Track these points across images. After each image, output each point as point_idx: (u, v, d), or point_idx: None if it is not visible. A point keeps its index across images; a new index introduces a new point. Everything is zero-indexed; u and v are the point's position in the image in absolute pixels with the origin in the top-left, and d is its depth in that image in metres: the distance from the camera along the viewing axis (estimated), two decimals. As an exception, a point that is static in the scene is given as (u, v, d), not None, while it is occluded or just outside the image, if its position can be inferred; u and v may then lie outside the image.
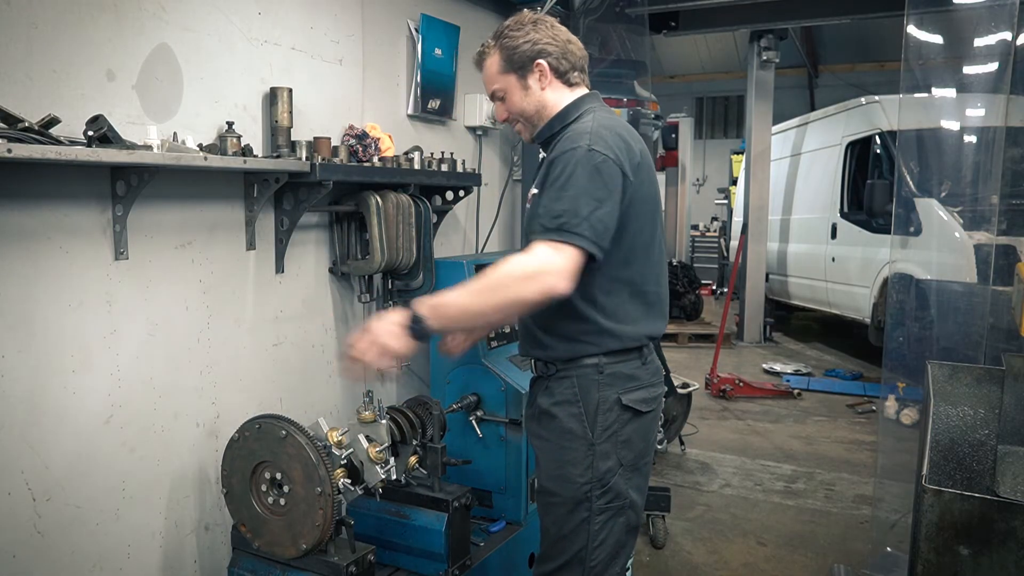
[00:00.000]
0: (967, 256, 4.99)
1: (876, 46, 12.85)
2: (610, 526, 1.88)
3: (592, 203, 1.71)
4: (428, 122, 3.49)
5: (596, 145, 1.76)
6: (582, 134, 1.79)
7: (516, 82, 1.94)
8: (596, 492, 1.85)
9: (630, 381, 1.89)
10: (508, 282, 1.68)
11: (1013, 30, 3.31)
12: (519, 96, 1.94)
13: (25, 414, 1.96)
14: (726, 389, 6.24)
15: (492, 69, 1.96)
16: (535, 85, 1.93)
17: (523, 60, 1.91)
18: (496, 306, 1.71)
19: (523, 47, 1.91)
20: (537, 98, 1.94)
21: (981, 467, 2.22)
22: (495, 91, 1.98)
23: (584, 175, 1.73)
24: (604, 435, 1.85)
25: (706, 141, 16.59)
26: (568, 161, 1.75)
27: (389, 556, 2.55)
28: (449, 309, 1.73)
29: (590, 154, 1.75)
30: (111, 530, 2.20)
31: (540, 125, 1.97)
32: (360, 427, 2.37)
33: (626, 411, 1.87)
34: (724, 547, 3.53)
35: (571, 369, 1.88)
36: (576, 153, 1.75)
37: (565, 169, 1.74)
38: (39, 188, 1.96)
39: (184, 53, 2.31)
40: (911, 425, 4.10)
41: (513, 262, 1.69)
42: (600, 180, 1.74)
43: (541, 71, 1.92)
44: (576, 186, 1.72)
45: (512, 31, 1.92)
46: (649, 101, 4.86)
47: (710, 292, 12.37)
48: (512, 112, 1.98)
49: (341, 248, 2.96)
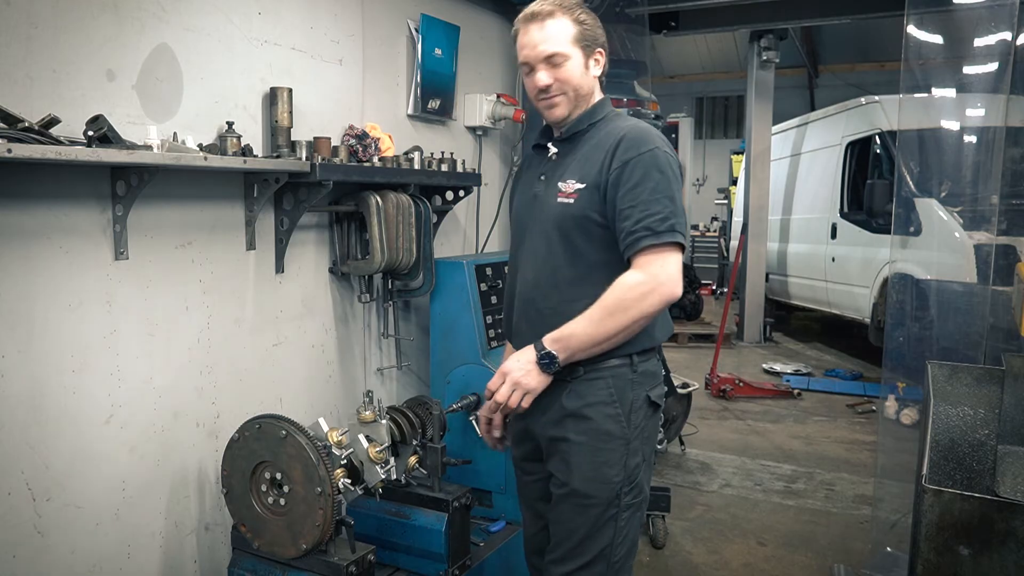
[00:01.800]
0: (967, 256, 4.99)
1: (876, 46, 12.84)
2: (634, 521, 1.92)
3: (678, 203, 1.80)
4: (428, 122, 3.49)
5: (666, 147, 1.84)
6: (649, 134, 1.84)
7: (582, 58, 1.90)
8: (626, 488, 1.88)
9: (654, 378, 1.93)
10: (629, 303, 1.74)
11: (1013, 30, 3.31)
12: (580, 71, 1.91)
13: (25, 414, 1.96)
14: (726, 389, 6.24)
15: (563, 32, 1.88)
16: (592, 69, 1.94)
17: (592, 41, 1.91)
18: (621, 328, 1.76)
19: (596, 31, 1.92)
20: (591, 81, 1.94)
21: (981, 467, 2.22)
22: (557, 54, 1.88)
23: (669, 176, 1.80)
24: (635, 432, 1.88)
25: (706, 141, 16.58)
26: (651, 163, 1.79)
27: (389, 556, 2.55)
28: (575, 340, 1.78)
29: (665, 155, 1.82)
30: (111, 530, 2.20)
31: (580, 108, 1.94)
32: (360, 427, 2.37)
33: (651, 407, 1.92)
34: (724, 547, 3.52)
35: (602, 370, 1.87)
36: (656, 155, 1.80)
37: (650, 170, 1.78)
38: (39, 188, 1.96)
39: (184, 53, 2.31)
40: (911, 425, 4.09)
41: (627, 286, 1.75)
42: (676, 181, 1.82)
43: (599, 60, 1.95)
44: (668, 188, 1.78)
45: (585, 12, 1.92)
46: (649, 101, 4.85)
47: (710, 292, 12.36)
48: (565, 82, 1.90)
49: (341, 248, 2.96)
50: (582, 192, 1.85)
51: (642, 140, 1.82)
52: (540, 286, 1.92)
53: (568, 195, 1.87)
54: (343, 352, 3.07)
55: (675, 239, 1.76)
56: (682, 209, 1.81)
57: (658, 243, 1.74)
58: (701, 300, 9.65)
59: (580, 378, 1.88)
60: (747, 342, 8.78)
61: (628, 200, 1.78)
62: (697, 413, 5.43)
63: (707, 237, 14.31)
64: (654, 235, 1.74)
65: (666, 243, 1.75)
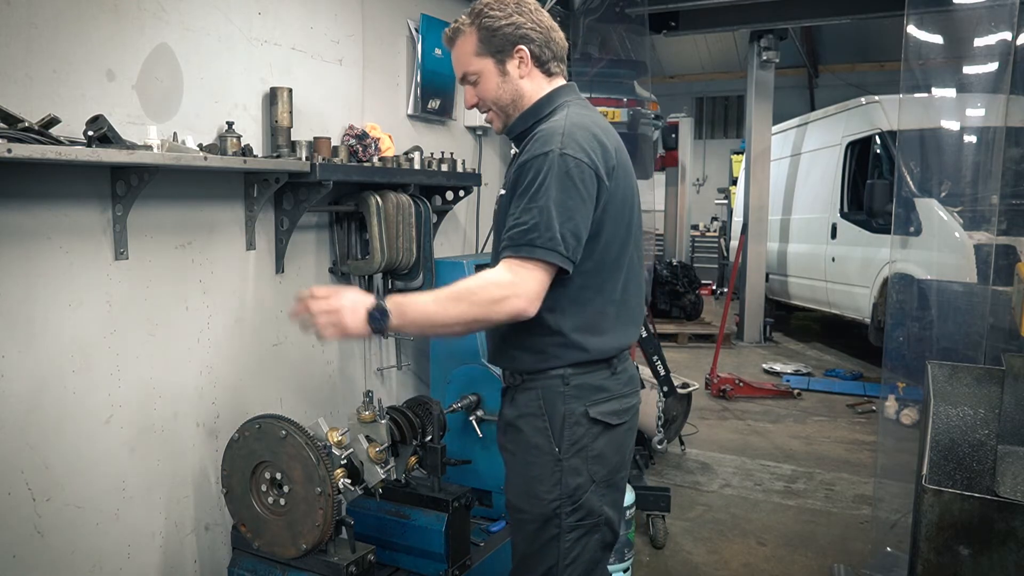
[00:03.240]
0: (967, 256, 4.99)
1: (876, 46, 12.84)
2: (583, 543, 1.76)
3: (564, 214, 1.59)
4: (428, 122, 3.49)
5: (568, 148, 1.63)
6: (554, 135, 1.65)
7: (493, 67, 1.77)
8: (566, 509, 1.73)
9: (598, 392, 1.76)
10: (476, 301, 1.59)
11: (1013, 30, 3.31)
12: (495, 83, 1.78)
13: (25, 414, 1.96)
14: (726, 389, 6.24)
15: (466, 49, 1.78)
16: (513, 72, 1.78)
17: (503, 43, 1.75)
18: (460, 321, 1.62)
19: (505, 29, 1.75)
20: (514, 86, 1.79)
21: (981, 467, 2.22)
22: (467, 74, 1.81)
23: (556, 183, 1.60)
24: (572, 450, 1.73)
25: (706, 141, 16.59)
26: (540, 167, 1.62)
27: (389, 556, 2.55)
28: (414, 311, 1.62)
29: (563, 159, 1.61)
30: (111, 530, 2.20)
31: (514, 116, 1.82)
32: (360, 427, 2.37)
33: (595, 424, 1.75)
34: (724, 547, 3.52)
35: (536, 380, 1.76)
36: (548, 158, 1.62)
37: (536, 176, 1.61)
38: (39, 188, 1.96)
39: (184, 53, 2.31)
40: (911, 425, 4.09)
41: (483, 281, 1.62)
42: (573, 188, 1.61)
43: (522, 58, 1.77)
44: (547, 196, 1.59)
45: (493, 10, 1.75)
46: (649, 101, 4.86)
47: (710, 292, 12.36)
48: (484, 99, 1.82)
49: (341, 248, 2.96)
50: (503, 199, 1.76)
51: (543, 141, 1.66)
52: None
53: (497, 201, 1.82)
54: (343, 352, 3.07)
55: (532, 255, 1.57)
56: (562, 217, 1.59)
57: (512, 256, 1.60)
58: (701, 300, 9.65)
59: (519, 387, 1.80)
60: (747, 342, 8.78)
61: (514, 208, 1.65)
62: (697, 413, 5.43)
63: (707, 237, 14.32)
64: (512, 247, 1.60)
65: (524, 257, 1.59)
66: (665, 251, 12.30)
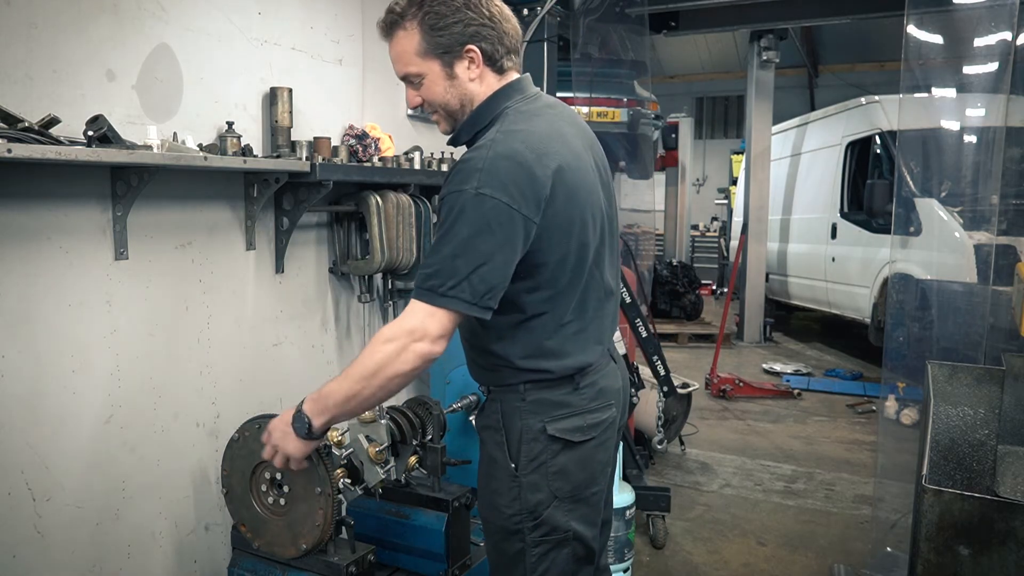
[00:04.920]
0: (967, 256, 4.99)
1: (876, 46, 12.84)
2: (551, 558, 1.67)
3: (474, 260, 1.45)
4: (428, 122, 3.49)
5: (485, 187, 1.45)
6: (472, 171, 1.47)
7: (440, 70, 1.59)
8: (528, 524, 1.64)
9: (558, 409, 1.64)
10: (381, 365, 1.50)
11: (1013, 30, 3.32)
12: (442, 87, 1.60)
13: (25, 414, 1.96)
14: (726, 389, 6.24)
15: (407, 47, 1.58)
16: (463, 74, 1.59)
17: (451, 43, 1.56)
18: (379, 386, 1.53)
19: (453, 28, 1.55)
20: (463, 90, 1.61)
21: (981, 467, 2.23)
22: (409, 75, 1.61)
23: (468, 226, 1.45)
24: (531, 466, 1.63)
25: (706, 141, 16.59)
26: (452, 205, 1.47)
27: (389, 556, 2.55)
28: (331, 400, 1.56)
29: (478, 199, 1.44)
30: (111, 530, 2.20)
31: (462, 120, 1.65)
32: (360, 427, 2.36)
33: (555, 441, 1.63)
34: (724, 547, 3.53)
35: (498, 393, 1.69)
36: (462, 198, 1.46)
37: (449, 215, 1.48)
38: (39, 188, 1.96)
39: (184, 53, 2.31)
40: (911, 425, 4.10)
41: (383, 337, 1.52)
42: (488, 231, 1.45)
43: (472, 58, 1.58)
44: (456, 239, 1.45)
45: (439, 4, 1.55)
46: (649, 101, 4.87)
47: (710, 292, 12.36)
48: (430, 102, 1.64)
49: (341, 248, 2.97)
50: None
51: (462, 176, 1.49)
52: None
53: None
54: (343, 352, 3.07)
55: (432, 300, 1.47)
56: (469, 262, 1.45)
57: (415, 297, 1.50)
58: (701, 300, 9.65)
59: (488, 397, 1.73)
60: (747, 342, 8.78)
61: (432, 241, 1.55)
62: (697, 413, 5.43)
63: (707, 237, 14.33)
64: (419, 290, 1.50)
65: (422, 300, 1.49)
66: (665, 251, 12.31)
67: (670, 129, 10.91)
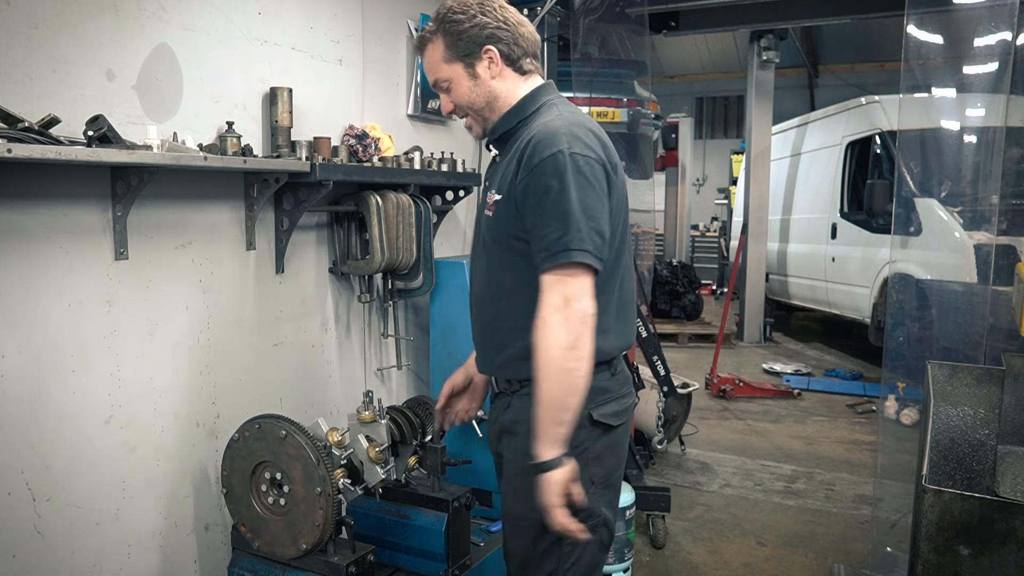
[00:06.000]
0: (967, 256, 4.99)
1: (876, 46, 12.85)
2: (583, 546, 1.72)
3: (587, 214, 1.58)
4: (428, 122, 3.49)
5: (575, 146, 1.60)
6: (556, 134, 1.61)
7: (463, 71, 1.75)
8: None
9: (601, 394, 1.72)
10: (552, 344, 1.56)
11: (1013, 30, 3.32)
12: (467, 87, 1.75)
13: (25, 414, 1.96)
14: (726, 389, 6.24)
15: (435, 56, 1.76)
16: (484, 74, 1.74)
17: (470, 46, 1.72)
18: (572, 377, 1.58)
19: (470, 31, 1.71)
20: (487, 89, 1.75)
21: (981, 467, 2.23)
22: (439, 81, 1.78)
23: (573, 184, 1.58)
24: (573, 453, 1.66)
25: (706, 141, 16.60)
26: (550, 170, 1.58)
27: (389, 556, 2.55)
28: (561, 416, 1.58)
29: (572, 158, 1.59)
30: (111, 530, 2.20)
31: (492, 119, 1.79)
32: (360, 427, 2.37)
33: (596, 427, 1.72)
34: (724, 547, 3.53)
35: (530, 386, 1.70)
36: (557, 160, 1.58)
37: (551, 180, 1.58)
38: (39, 188, 1.96)
39: (184, 53, 2.31)
40: (911, 425, 4.10)
41: (545, 327, 1.57)
42: (589, 186, 1.59)
43: (491, 58, 1.74)
44: (569, 199, 1.57)
45: (456, 13, 1.72)
46: (649, 101, 4.86)
47: (710, 292, 12.36)
48: (459, 104, 1.79)
49: (341, 248, 2.97)
50: (499, 204, 1.71)
51: (546, 142, 1.61)
52: (482, 299, 1.84)
53: (490, 207, 1.75)
54: (343, 352, 3.07)
55: (569, 259, 1.56)
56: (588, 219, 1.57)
57: (550, 265, 1.58)
58: (701, 300, 9.65)
59: (518, 393, 1.77)
60: (747, 342, 8.79)
61: (532, 216, 1.62)
62: (697, 413, 5.43)
63: (707, 237, 14.33)
64: (549, 256, 1.58)
65: (559, 264, 1.57)
66: (665, 251, 12.30)
67: (670, 129, 10.92)
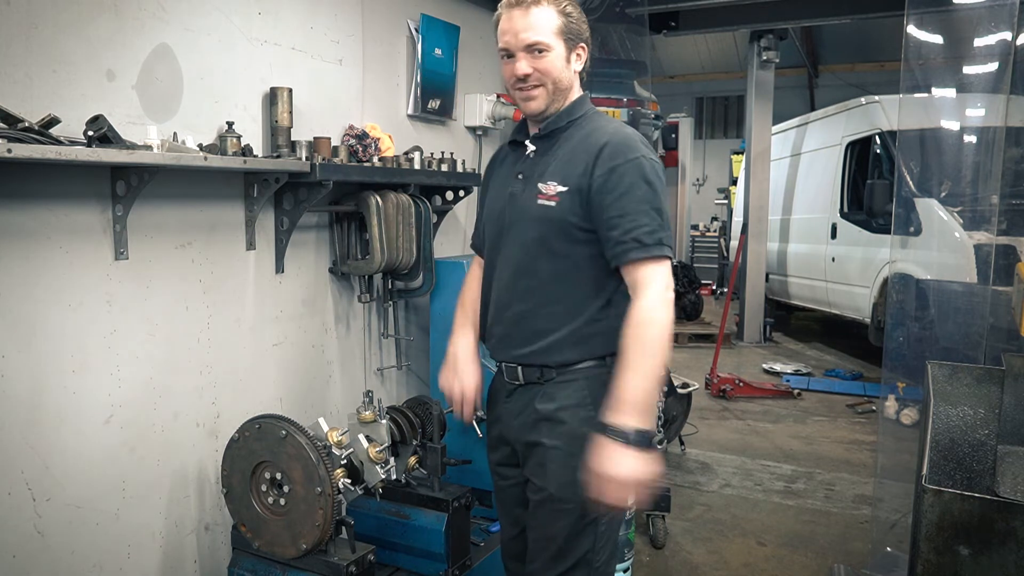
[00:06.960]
0: (967, 256, 4.99)
1: (876, 46, 12.84)
2: (614, 526, 1.87)
3: (665, 214, 1.78)
4: (428, 122, 3.49)
5: (651, 154, 1.82)
6: (632, 140, 1.81)
7: (563, 51, 1.82)
8: None
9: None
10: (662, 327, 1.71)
11: (1013, 30, 3.32)
12: (561, 64, 1.83)
13: (25, 414, 1.96)
14: (726, 389, 6.24)
15: (546, 21, 1.80)
16: (573, 64, 1.86)
17: (576, 36, 1.84)
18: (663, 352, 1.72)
19: (580, 24, 1.85)
20: (570, 76, 1.86)
21: (981, 467, 2.23)
22: (540, 43, 1.79)
23: (657, 185, 1.78)
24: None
25: (706, 141, 16.58)
26: (636, 171, 1.76)
27: (389, 556, 2.55)
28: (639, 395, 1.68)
29: (651, 163, 1.79)
30: (111, 530, 2.20)
31: (556, 104, 1.86)
32: (360, 427, 2.37)
33: None
34: (724, 547, 3.52)
35: (575, 372, 1.83)
36: (642, 164, 1.77)
37: (637, 180, 1.75)
38: (39, 188, 1.96)
39: (184, 53, 2.31)
40: (911, 425, 4.10)
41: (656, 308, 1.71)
42: (662, 189, 1.80)
43: (580, 55, 1.87)
44: (655, 199, 1.76)
45: (572, 5, 1.84)
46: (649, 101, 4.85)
47: (710, 292, 12.36)
48: (545, 73, 1.81)
49: (341, 248, 2.96)
50: (564, 195, 1.79)
51: (628, 147, 1.79)
52: (516, 289, 1.87)
53: (549, 197, 1.81)
54: (343, 352, 3.07)
55: (663, 252, 1.74)
56: (668, 221, 1.79)
57: (646, 256, 1.72)
58: (701, 300, 9.64)
59: (553, 381, 1.84)
60: (747, 342, 8.78)
61: (616, 209, 1.74)
62: (697, 413, 5.43)
63: (707, 237, 14.31)
64: (643, 248, 1.72)
65: (655, 256, 1.73)
66: (665, 251, 12.27)
67: (670, 129, 10.90)
